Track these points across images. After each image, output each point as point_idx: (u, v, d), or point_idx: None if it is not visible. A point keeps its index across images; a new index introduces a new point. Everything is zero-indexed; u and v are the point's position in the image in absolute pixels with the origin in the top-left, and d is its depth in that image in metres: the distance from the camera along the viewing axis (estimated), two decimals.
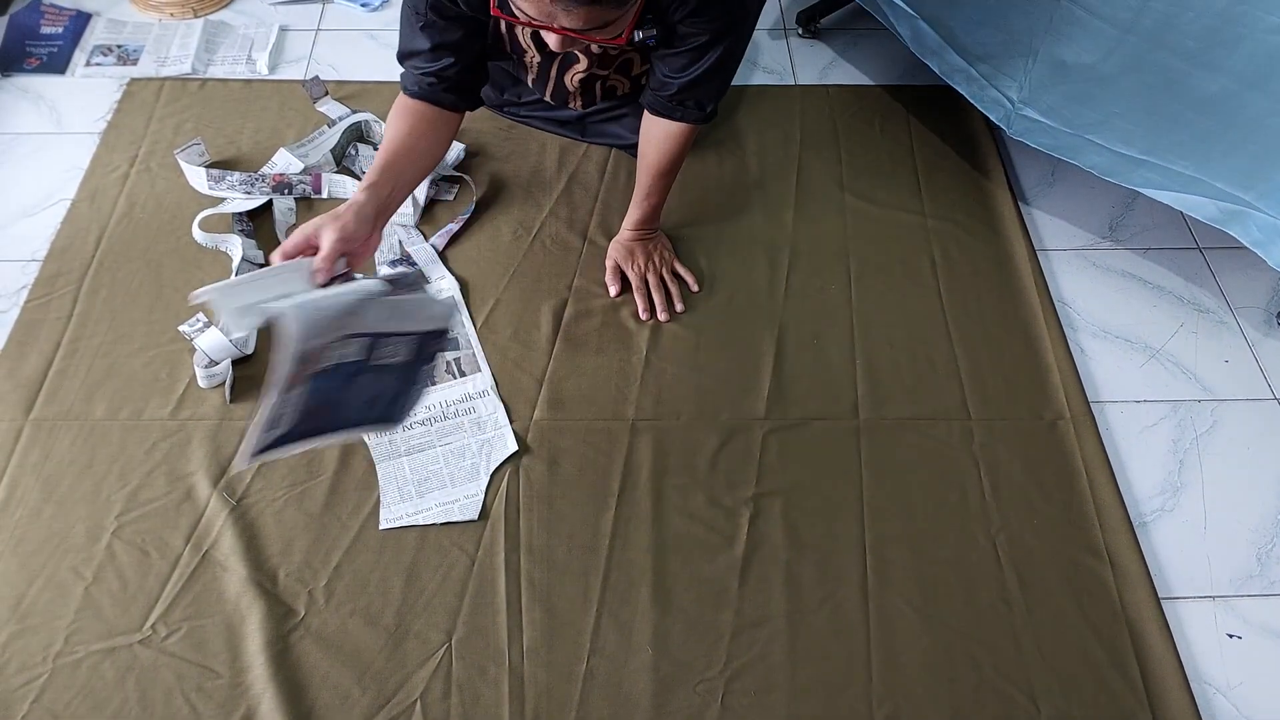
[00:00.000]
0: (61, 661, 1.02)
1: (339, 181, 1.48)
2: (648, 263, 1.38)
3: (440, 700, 1.01)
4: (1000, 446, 1.24)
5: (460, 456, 1.19)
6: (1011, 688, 1.05)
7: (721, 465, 1.21)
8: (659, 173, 1.31)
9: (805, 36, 1.85)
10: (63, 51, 1.72)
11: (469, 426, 1.22)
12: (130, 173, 1.50)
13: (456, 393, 1.25)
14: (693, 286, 1.40)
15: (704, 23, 1.10)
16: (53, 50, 1.71)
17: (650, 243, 1.40)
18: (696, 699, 1.02)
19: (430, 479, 1.17)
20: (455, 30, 1.14)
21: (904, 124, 1.67)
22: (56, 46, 1.72)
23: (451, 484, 1.17)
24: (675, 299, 1.37)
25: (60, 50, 1.72)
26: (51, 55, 1.70)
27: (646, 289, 1.37)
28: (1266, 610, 1.13)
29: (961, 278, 1.43)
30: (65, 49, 1.72)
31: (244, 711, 0.99)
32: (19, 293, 1.35)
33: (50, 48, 1.72)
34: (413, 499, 1.16)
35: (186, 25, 1.77)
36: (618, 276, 1.38)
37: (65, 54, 1.71)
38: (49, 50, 1.71)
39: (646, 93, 1.25)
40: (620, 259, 1.39)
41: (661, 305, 1.36)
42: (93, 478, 1.16)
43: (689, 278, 1.40)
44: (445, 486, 1.17)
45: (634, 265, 1.38)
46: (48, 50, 1.71)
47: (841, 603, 1.10)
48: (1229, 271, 1.47)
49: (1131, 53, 1.19)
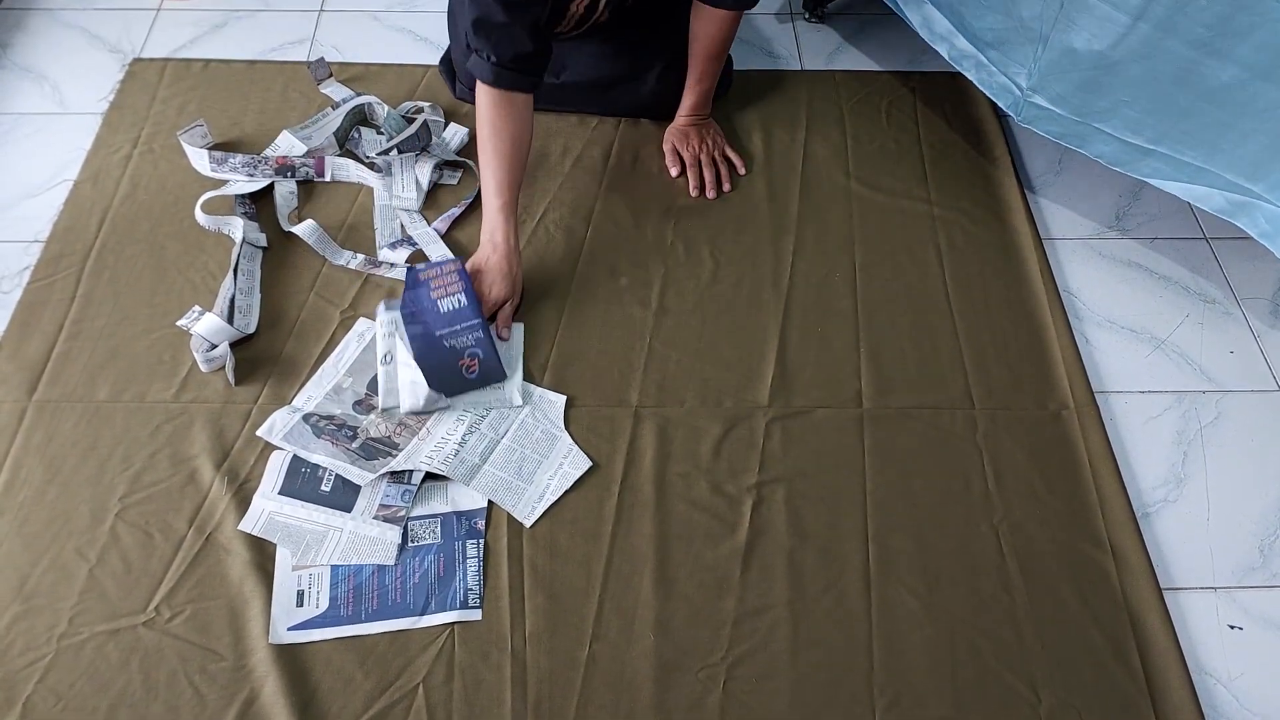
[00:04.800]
0: (66, 643, 1.02)
1: (342, 164, 1.47)
2: (701, 144, 1.51)
3: (442, 685, 1.01)
4: (1004, 436, 1.24)
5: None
6: (1013, 677, 1.05)
7: (725, 452, 1.20)
8: (709, 57, 1.46)
9: (812, 21, 1.83)
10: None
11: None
12: (133, 154, 1.50)
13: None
14: (740, 169, 1.53)
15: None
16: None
17: (703, 127, 1.54)
18: (698, 685, 1.03)
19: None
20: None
21: (911, 111, 1.66)
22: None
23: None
24: (724, 179, 1.50)
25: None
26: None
27: (700, 167, 1.49)
28: (1268, 602, 1.13)
29: (967, 266, 1.43)
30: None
31: (247, 694, 1.00)
32: (22, 274, 1.35)
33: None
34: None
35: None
36: (676, 158, 1.52)
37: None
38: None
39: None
40: (677, 141, 1.52)
41: (711, 182, 1.49)
42: (96, 460, 1.16)
43: (738, 161, 1.53)
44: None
45: (689, 146, 1.51)
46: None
47: (844, 591, 1.10)
48: (1235, 262, 1.47)
49: (1142, 40, 1.18)
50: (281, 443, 1.16)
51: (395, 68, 1.66)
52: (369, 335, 1.28)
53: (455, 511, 1.14)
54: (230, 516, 1.12)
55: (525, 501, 1.15)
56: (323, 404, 1.21)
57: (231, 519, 1.11)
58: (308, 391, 1.22)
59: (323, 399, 1.22)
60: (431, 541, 1.11)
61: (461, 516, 1.13)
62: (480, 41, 1.25)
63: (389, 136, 1.50)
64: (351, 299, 1.33)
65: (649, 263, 1.40)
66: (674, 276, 1.39)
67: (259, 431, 1.17)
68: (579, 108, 1.58)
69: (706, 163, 1.50)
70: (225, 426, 1.19)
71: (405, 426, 1.20)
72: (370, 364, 1.25)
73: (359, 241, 1.41)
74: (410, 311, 1.22)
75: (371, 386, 1.23)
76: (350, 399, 1.22)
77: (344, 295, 1.34)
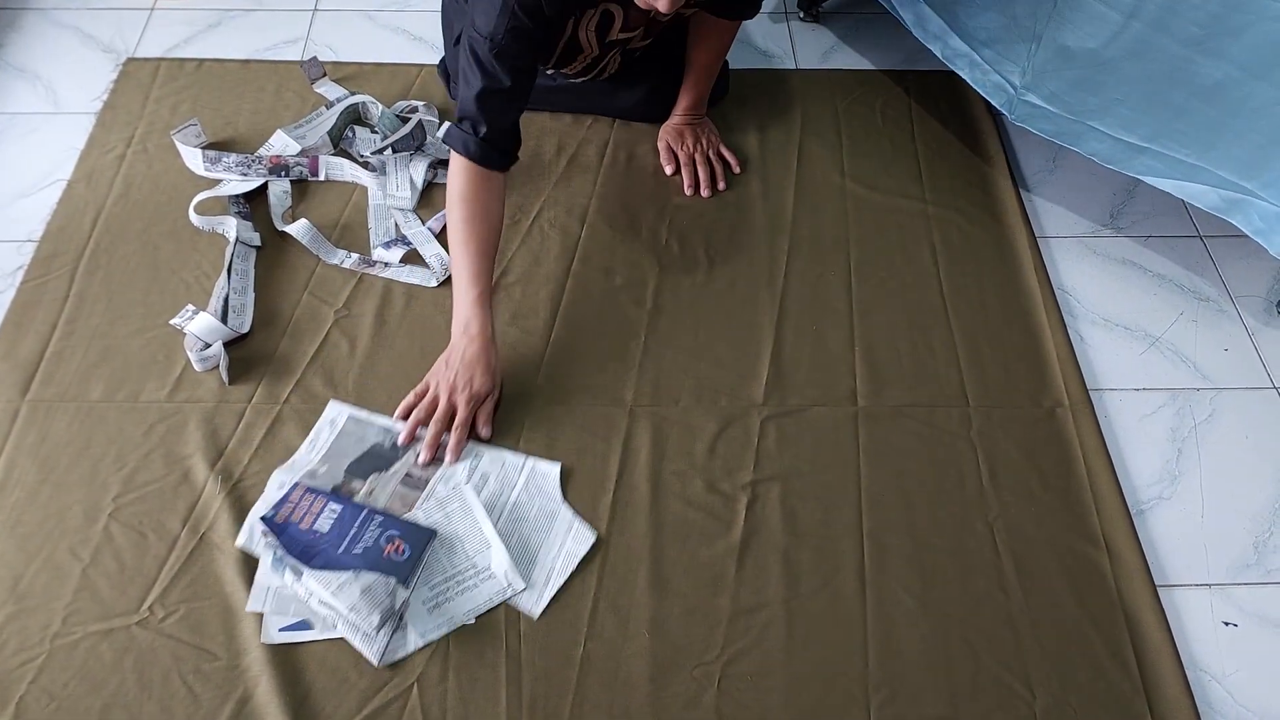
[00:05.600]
0: (59, 642, 1.02)
1: (336, 164, 1.47)
2: (696, 143, 1.52)
3: (437, 683, 1.01)
4: (999, 433, 1.24)
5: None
6: (1008, 674, 1.05)
7: (719, 451, 1.20)
8: (708, 61, 1.50)
9: (807, 20, 1.84)
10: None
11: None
12: (127, 153, 1.49)
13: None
14: (735, 168, 1.53)
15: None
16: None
17: (698, 126, 1.54)
18: (693, 683, 1.03)
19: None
20: (525, 66, 1.22)
21: (905, 109, 1.66)
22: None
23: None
24: (719, 177, 1.51)
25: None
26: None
27: (694, 166, 1.50)
28: (1263, 599, 1.13)
29: (962, 264, 1.43)
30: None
31: (241, 693, 0.99)
32: (15, 273, 1.35)
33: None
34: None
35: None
36: (671, 156, 1.52)
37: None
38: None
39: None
40: (671, 140, 1.53)
41: (706, 181, 1.49)
42: (90, 459, 1.16)
43: (732, 160, 1.54)
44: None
45: (684, 145, 1.52)
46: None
47: (839, 589, 1.10)
48: (1229, 260, 1.47)
49: (1135, 38, 1.19)
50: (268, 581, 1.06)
51: (389, 67, 1.66)
52: (340, 420, 1.19)
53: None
54: (224, 516, 1.11)
55: (530, 592, 1.07)
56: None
57: (225, 519, 1.11)
58: (280, 478, 1.14)
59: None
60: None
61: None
62: (479, 111, 1.20)
63: (383, 136, 1.50)
64: (345, 298, 1.33)
65: (644, 262, 1.40)
66: (669, 275, 1.38)
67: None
68: (570, 107, 1.58)
69: (701, 161, 1.50)
70: (219, 426, 1.19)
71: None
72: (346, 450, 1.16)
73: (353, 241, 1.40)
74: (299, 553, 1.05)
75: (352, 471, 1.15)
76: (328, 486, 1.13)
77: (338, 295, 1.33)
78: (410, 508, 1.12)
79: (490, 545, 1.09)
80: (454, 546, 1.09)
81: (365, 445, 1.18)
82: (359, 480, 1.15)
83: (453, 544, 1.09)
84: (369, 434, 1.19)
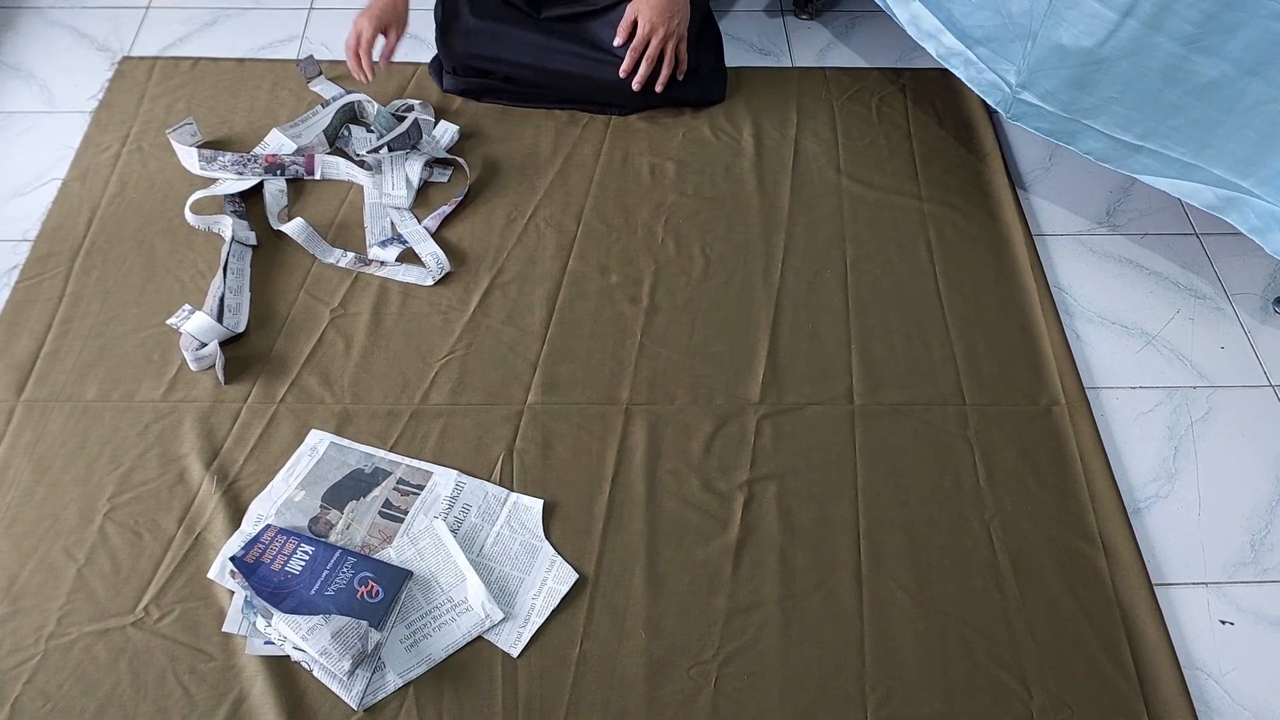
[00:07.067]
0: (54, 643, 1.02)
1: (332, 162, 1.47)
2: (664, 25, 1.45)
3: (432, 683, 1.01)
4: (995, 432, 1.24)
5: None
6: (1004, 673, 1.05)
7: (716, 450, 1.20)
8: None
9: (802, 18, 1.83)
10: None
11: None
12: (122, 152, 1.49)
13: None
14: (679, 74, 1.52)
15: None
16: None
17: (673, 5, 1.46)
18: (690, 683, 1.03)
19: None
20: None
21: (902, 107, 1.66)
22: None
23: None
24: (661, 81, 1.49)
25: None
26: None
27: (643, 53, 1.46)
28: (1259, 597, 1.13)
29: (958, 262, 1.43)
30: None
31: (237, 694, 0.99)
32: (10, 273, 1.34)
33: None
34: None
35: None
36: (629, 28, 1.46)
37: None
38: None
39: None
40: (640, 12, 1.46)
41: (642, 78, 1.47)
42: (85, 459, 1.16)
43: (683, 64, 1.51)
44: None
45: (647, 21, 1.45)
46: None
47: (835, 588, 1.10)
48: (1226, 258, 1.47)
49: (1130, 37, 1.18)
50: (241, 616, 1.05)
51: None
52: (321, 447, 1.17)
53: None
54: (219, 516, 1.11)
55: (510, 628, 1.05)
56: (274, 522, 1.11)
57: (221, 519, 1.11)
58: (256, 510, 1.12)
59: (273, 517, 1.12)
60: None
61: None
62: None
63: (379, 134, 1.50)
64: (341, 297, 1.33)
65: (640, 260, 1.40)
66: (665, 273, 1.38)
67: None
68: (547, 91, 1.57)
69: (653, 54, 1.47)
70: (215, 426, 1.19)
71: (370, 547, 1.10)
72: (325, 475, 1.15)
73: (349, 240, 1.40)
74: (270, 594, 1.03)
75: (330, 498, 1.13)
76: (304, 517, 1.12)
77: (334, 294, 1.33)
78: (388, 541, 1.11)
79: (465, 577, 1.07)
80: (429, 583, 1.07)
81: (345, 470, 1.16)
82: (336, 511, 1.13)
83: (428, 581, 1.08)
84: (350, 458, 1.17)
